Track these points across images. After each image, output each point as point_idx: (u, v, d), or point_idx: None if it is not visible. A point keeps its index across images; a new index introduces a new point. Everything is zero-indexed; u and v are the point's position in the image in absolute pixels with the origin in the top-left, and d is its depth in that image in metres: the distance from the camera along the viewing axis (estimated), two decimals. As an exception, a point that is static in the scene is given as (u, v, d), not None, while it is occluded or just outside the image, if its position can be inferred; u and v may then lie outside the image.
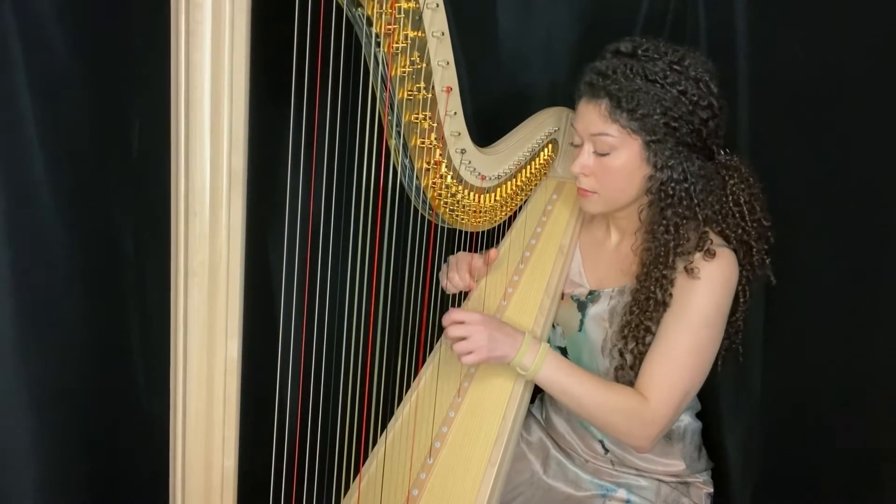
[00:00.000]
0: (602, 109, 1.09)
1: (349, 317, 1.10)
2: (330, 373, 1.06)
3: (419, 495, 1.10)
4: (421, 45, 1.00)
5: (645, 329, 1.13)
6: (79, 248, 1.08)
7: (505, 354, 1.10)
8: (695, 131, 1.08)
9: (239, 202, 0.77)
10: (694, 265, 1.10)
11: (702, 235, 1.12)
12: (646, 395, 1.10)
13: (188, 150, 0.75)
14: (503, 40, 1.55)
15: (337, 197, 1.05)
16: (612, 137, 1.09)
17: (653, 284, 1.12)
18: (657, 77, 1.06)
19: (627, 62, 1.08)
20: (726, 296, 1.12)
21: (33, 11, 0.96)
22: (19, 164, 0.97)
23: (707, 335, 1.11)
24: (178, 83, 0.73)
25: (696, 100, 1.07)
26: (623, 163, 1.10)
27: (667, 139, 1.08)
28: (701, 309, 1.10)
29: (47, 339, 1.05)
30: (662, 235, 1.11)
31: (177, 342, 0.80)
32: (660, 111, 1.06)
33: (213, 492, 0.84)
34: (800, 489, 1.32)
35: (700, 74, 1.08)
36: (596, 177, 1.14)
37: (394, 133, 1.07)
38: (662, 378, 1.10)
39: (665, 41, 1.10)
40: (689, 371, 1.11)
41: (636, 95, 1.06)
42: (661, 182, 1.10)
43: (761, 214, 1.16)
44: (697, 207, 1.11)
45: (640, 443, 1.12)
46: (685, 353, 1.10)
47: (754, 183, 1.16)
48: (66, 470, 1.11)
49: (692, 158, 1.10)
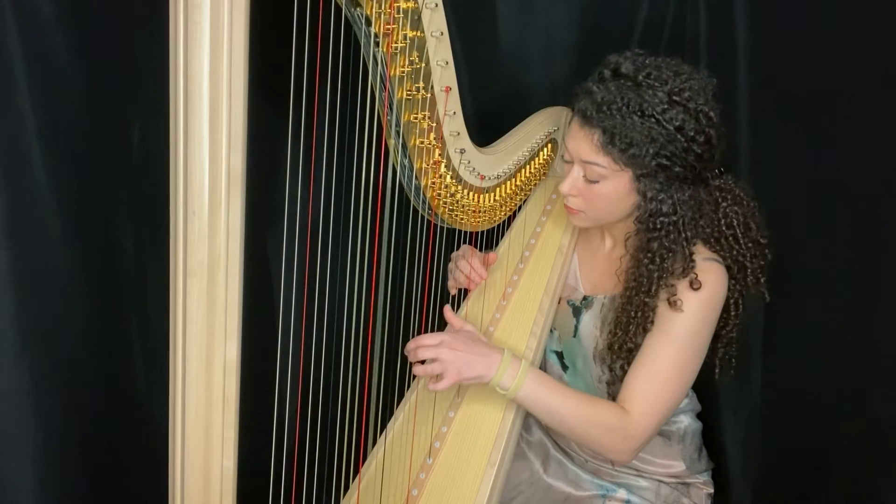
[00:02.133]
0: (594, 140, 1.06)
1: (348, 316, 1.10)
2: (329, 373, 1.06)
3: (419, 495, 1.10)
4: (420, 44, 1.00)
5: (628, 350, 1.13)
6: (79, 248, 1.08)
7: (480, 375, 1.05)
8: (688, 167, 1.06)
9: (238, 202, 0.77)
10: (677, 297, 1.09)
11: (688, 263, 1.09)
12: (628, 408, 1.09)
13: (187, 149, 0.75)
14: (503, 40, 1.55)
15: (336, 197, 1.05)
16: (602, 168, 1.07)
17: (634, 310, 1.12)
18: (654, 112, 1.02)
19: (625, 93, 1.03)
20: (714, 311, 1.11)
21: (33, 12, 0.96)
22: (19, 164, 0.97)
23: (691, 351, 1.10)
24: (177, 83, 0.73)
25: (692, 135, 1.04)
26: (611, 191, 1.10)
27: (657, 174, 1.06)
28: (688, 324, 1.09)
29: (47, 339, 1.05)
30: (647, 266, 1.10)
31: (176, 342, 0.80)
32: (653, 151, 1.04)
33: (212, 492, 0.84)
34: (800, 489, 1.32)
35: (700, 106, 1.04)
36: (584, 198, 1.13)
37: (393, 133, 1.07)
38: (645, 393, 1.09)
39: (668, 62, 1.06)
40: (672, 385, 1.10)
41: (630, 134, 1.03)
42: (649, 213, 1.09)
43: (757, 233, 1.14)
44: (685, 241, 1.09)
45: (620, 457, 1.11)
46: (668, 368, 1.09)
47: (748, 202, 1.14)
48: (66, 470, 1.11)
49: (683, 189, 1.08)
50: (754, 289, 1.16)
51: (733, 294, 1.15)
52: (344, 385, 1.07)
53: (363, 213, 1.01)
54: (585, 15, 1.52)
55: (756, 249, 1.15)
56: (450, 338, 1.06)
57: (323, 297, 1.09)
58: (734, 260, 1.14)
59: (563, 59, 1.54)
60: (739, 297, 1.16)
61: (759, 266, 1.15)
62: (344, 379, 1.08)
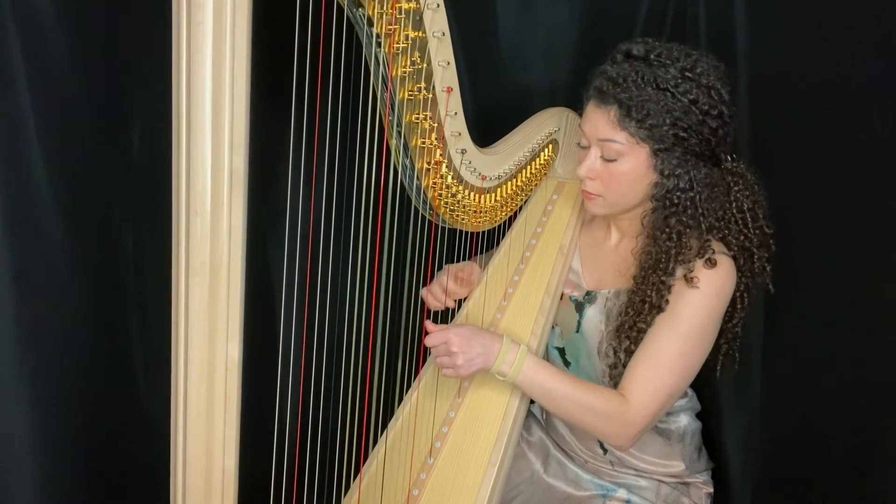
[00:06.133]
0: (611, 116, 1.08)
1: (350, 317, 1.10)
2: (331, 373, 1.06)
3: (419, 495, 1.10)
4: (421, 45, 1.00)
5: (638, 330, 1.13)
6: (79, 248, 1.08)
7: (483, 366, 1.09)
8: (704, 140, 1.07)
9: (240, 202, 0.77)
10: (694, 274, 1.10)
11: (704, 243, 1.11)
12: (628, 395, 1.09)
13: (189, 149, 0.75)
14: (503, 40, 1.55)
15: (338, 197, 1.05)
16: (620, 144, 1.08)
17: (649, 288, 1.12)
18: (668, 85, 1.05)
19: (639, 69, 1.06)
20: (720, 305, 1.12)
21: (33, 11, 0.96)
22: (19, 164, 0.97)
23: (696, 342, 1.11)
24: (179, 83, 0.74)
25: (706, 109, 1.06)
26: (629, 169, 1.10)
27: (675, 148, 1.07)
28: (693, 317, 1.10)
29: (47, 340, 1.05)
30: (665, 242, 1.11)
31: (178, 342, 0.80)
32: (669, 121, 1.05)
33: (213, 492, 0.84)
34: (800, 489, 1.32)
35: (712, 82, 1.06)
36: (601, 181, 1.13)
37: (394, 133, 1.07)
38: (646, 380, 1.09)
39: (678, 45, 1.09)
40: (674, 375, 1.10)
41: (646, 105, 1.05)
42: (666, 190, 1.09)
43: (763, 222, 1.15)
44: (702, 217, 1.10)
45: (619, 442, 1.12)
46: (672, 357, 1.10)
47: (758, 190, 1.15)
48: (66, 470, 1.11)
49: (699, 166, 1.09)
50: (760, 278, 1.16)
51: (739, 287, 1.15)
52: (345, 385, 1.07)
53: (365, 213, 1.01)
54: (585, 15, 1.52)
55: (762, 238, 1.15)
56: (454, 335, 1.08)
57: (324, 297, 1.09)
58: (741, 246, 1.14)
59: (564, 59, 1.54)
60: (745, 291, 1.16)
61: (765, 256, 1.16)
62: (345, 379, 1.08)
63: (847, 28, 1.17)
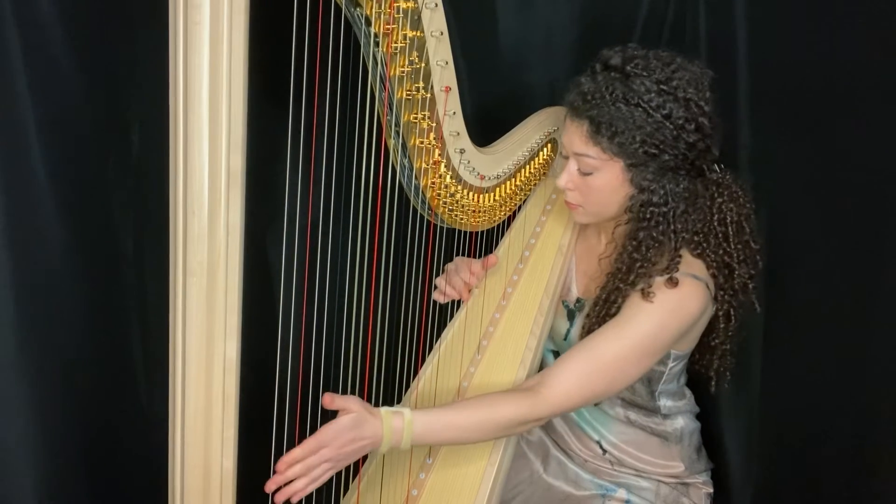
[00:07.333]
0: (583, 131, 1.07)
1: (348, 316, 1.10)
2: (329, 372, 1.06)
3: (419, 495, 1.11)
4: (420, 44, 1.00)
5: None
6: (78, 248, 1.08)
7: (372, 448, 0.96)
8: (680, 155, 1.06)
9: (238, 202, 0.78)
10: (652, 289, 1.07)
11: (672, 260, 1.09)
12: (547, 384, 1.04)
13: (187, 149, 0.75)
14: (503, 40, 1.55)
15: (336, 197, 1.05)
16: (593, 159, 1.08)
17: (606, 294, 1.12)
18: (641, 100, 1.03)
19: (612, 83, 1.04)
20: (676, 321, 1.08)
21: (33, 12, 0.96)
22: (19, 164, 0.97)
23: (640, 351, 1.07)
24: (176, 83, 0.74)
25: (681, 123, 1.04)
26: (604, 183, 1.10)
27: (648, 163, 1.06)
28: (642, 324, 1.07)
29: (47, 339, 1.05)
30: (631, 254, 1.10)
31: (175, 342, 0.80)
32: (640, 138, 1.04)
33: (212, 492, 0.84)
34: (800, 489, 1.32)
35: (690, 94, 1.04)
36: (580, 192, 1.13)
37: (393, 133, 1.07)
38: (575, 374, 1.05)
39: (658, 53, 1.07)
40: (605, 378, 1.07)
41: (615, 123, 1.04)
42: (640, 203, 1.08)
43: (750, 236, 1.12)
44: (673, 233, 1.08)
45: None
46: (609, 359, 1.06)
47: (746, 203, 1.13)
48: (65, 470, 1.11)
49: (677, 179, 1.08)
50: (743, 296, 1.14)
51: (723, 304, 1.14)
52: (344, 384, 1.07)
53: (363, 213, 1.01)
54: (585, 14, 1.52)
55: (746, 253, 1.12)
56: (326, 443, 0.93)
57: (322, 297, 1.09)
58: (721, 261, 1.12)
59: (563, 59, 1.54)
60: (730, 308, 1.14)
61: (749, 274, 1.13)
62: (344, 378, 1.08)
63: (847, 28, 1.17)
